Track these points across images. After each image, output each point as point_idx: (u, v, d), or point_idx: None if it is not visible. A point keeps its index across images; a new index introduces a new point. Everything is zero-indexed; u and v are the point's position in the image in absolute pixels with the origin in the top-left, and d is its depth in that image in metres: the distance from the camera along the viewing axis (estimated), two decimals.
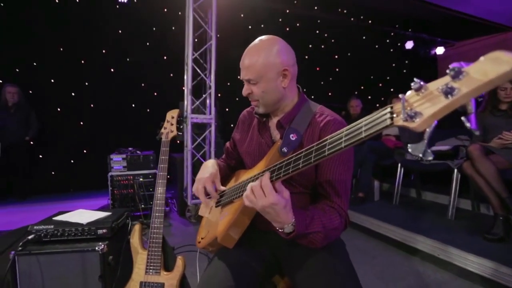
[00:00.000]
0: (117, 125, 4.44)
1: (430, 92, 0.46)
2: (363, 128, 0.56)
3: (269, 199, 0.73)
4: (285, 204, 0.75)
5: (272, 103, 0.95)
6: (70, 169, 4.31)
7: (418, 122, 0.46)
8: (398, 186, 3.07)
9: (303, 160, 0.70)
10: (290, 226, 0.78)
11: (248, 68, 0.90)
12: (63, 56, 4.19)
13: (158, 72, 4.69)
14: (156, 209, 1.44)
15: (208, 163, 1.14)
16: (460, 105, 0.43)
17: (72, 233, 1.24)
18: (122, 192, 2.86)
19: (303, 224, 0.79)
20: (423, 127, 0.46)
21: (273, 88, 0.91)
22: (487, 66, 0.39)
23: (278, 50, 0.90)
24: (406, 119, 0.47)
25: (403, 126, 0.49)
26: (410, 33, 6.75)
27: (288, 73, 0.91)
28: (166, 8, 4.63)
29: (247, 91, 0.94)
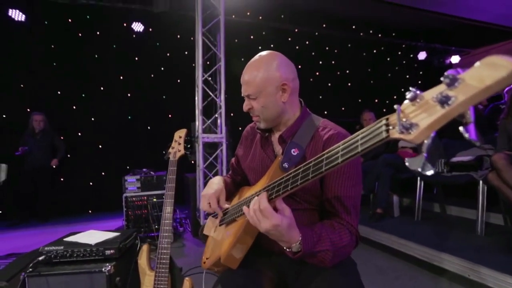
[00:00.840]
0: (133, 147, 4.59)
1: (426, 101, 0.43)
2: (359, 142, 0.54)
3: (271, 221, 0.71)
4: (288, 223, 0.72)
5: (272, 118, 0.94)
6: (89, 191, 4.44)
7: (414, 134, 0.43)
8: (419, 200, 2.91)
9: (301, 176, 0.67)
10: (297, 245, 0.74)
11: (247, 84, 0.91)
12: (84, 84, 4.45)
13: (172, 95, 4.87)
14: (163, 229, 1.43)
15: (215, 179, 1.14)
16: (458, 114, 0.40)
17: (80, 254, 1.25)
18: (136, 213, 2.89)
19: (311, 242, 0.76)
20: (420, 139, 0.43)
21: (272, 102, 0.91)
22: (484, 72, 0.37)
23: (277, 64, 0.90)
24: (402, 131, 0.45)
25: (400, 138, 0.46)
26: (422, 44, 6.68)
27: (287, 88, 0.91)
28: (179, 34, 4.87)
29: (248, 106, 0.94)
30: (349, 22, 5.96)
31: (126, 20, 4.47)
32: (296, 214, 0.92)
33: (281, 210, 0.74)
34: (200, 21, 2.97)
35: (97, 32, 4.46)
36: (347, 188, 0.86)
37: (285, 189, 0.71)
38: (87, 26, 4.40)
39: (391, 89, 6.73)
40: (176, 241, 3.05)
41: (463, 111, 0.39)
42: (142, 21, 4.46)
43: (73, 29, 4.34)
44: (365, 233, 2.78)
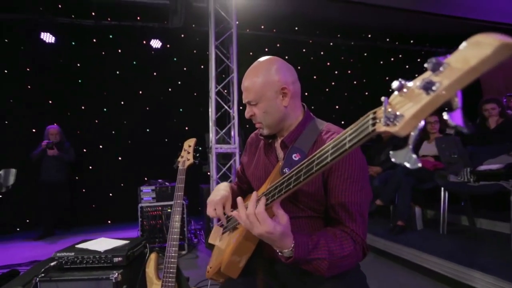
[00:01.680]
0: (150, 159, 4.71)
1: (411, 90, 0.41)
2: (347, 138, 0.52)
3: (263, 227, 0.69)
4: (282, 231, 0.70)
5: (275, 123, 0.92)
6: (108, 202, 4.59)
7: (399, 125, 0.40)
8: (444, 212, 2.72)
9: (294, 179, 0.65)
10: (289, 251, 0.72)
11: (247, 90, 0.91)
12: (105, 99, 4.70)
13: (188, 108, 5.00)
14: (171, 237, 1.43)
15: (221, 185, 1.13)
16: (444, 100, 0.37)
17: (90, 261, 1.27)
18: (150, 223, 2.94)
19: (304, 249, 0.72)
20: (406, 131, 0.40)
21: (273, 107, 0.89)
22: (468, 53, 0.34)
23: (276, 69, 0.89)
24: (387, 123, 0.42)
25: (386, 132, 0.43)
26: (443, 50, 6.45)
27: (287, 91, 0.89)
28: (195, 49, 5.05)
29: (249, 113, 0.93)
30: (364, 31, 5.91)
31: (145, 38, 4.71)
32: (299, 222, 0.89)
33: (277, 216, 0.72)
34: (213, 35, 3.07)
35: (118, 50, 4.74)
36: (352, 193, 0.81)
37: (280, 193, 0.69)
38: (110, 44, 4.68)
39: None
40: (190, 252, 3.04)
41: (450, 96, 0.36)
42: (160, 38, 4.68)
43: (97, 48, 4.64)
44: (385, 247, 2.62)
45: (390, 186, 2.93)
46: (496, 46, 0.31)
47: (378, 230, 2.90)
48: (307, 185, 0.84)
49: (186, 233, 3.03)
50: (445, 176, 2.76)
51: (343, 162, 0.82)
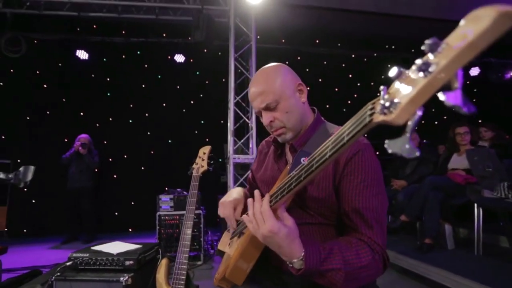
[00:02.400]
0: (172, 169, 4.83)
1: (409, 76, 0.38)
2: (345, 132, 0.49)
3: (267, 226, 0.66)
4: (287, 233, 0.66)
5: (298, 123, 0.88)
6: (130, 210, 4.73)
7: (396, 112, 0.38)
8: (479, 231, 2.48)
9: (296, 178, 0.63)
10: (299, 260, 0.67)
11: (263, 94, 0.85)
12: (131, 111, 4.95)
13: (209, 120, 5.12)
14: (183, 243, 1.43)
15: (235, 189, 1.11)
16: (443, 82, 0.34)
17: (103, 263, 1.30)
18: (168, 231, 2.97)
19: (317, 259, 0.67)
20: (403, 118, 0.37)
21: (294, 105, 0.86)
22: (466, 28, 0.31)
23: (287, 70, 0.90)
24: (383, 112, 0.40)
25: (383, 121, 0.41)
26: (474, 59, 6.11)
27: (303, 88, 0.89)
28: (217, 63, 5.21)
29: (269, 118, 0.86)
30: (387, 42, 5.80)
31: (170, 53, 4.96)
32: (309, 228, 0.84)
33: (282, 218, 0.69)
34: (232, 47, 3.17)
35: (145, 65, 5.02)
36: (367, 198, 0.75)
37: (282, 194, 0.67)
38: (137, 60, 4.98)
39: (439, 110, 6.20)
40: (206, 262, 3.02)
41: (449, 77, 0.33)
42: (183, 53, 4.90)
43: (126, 64, 4.95)
44: (410, 266, 2.43)
45: (416, 200, 2.75)
46: (494, 17, 0.28)
47: (403, 248, 2.71)
48: (317, 190, 0.81)
49: (202, 244, 3.02)
50: (479, 191, 2.54)
51: (355, 166, 0.77)
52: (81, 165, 4.00)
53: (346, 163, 0.78)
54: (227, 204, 0.95)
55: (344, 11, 4.43)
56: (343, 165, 0.78)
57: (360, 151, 0.78)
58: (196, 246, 2.97)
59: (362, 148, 0.79)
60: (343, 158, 0.79)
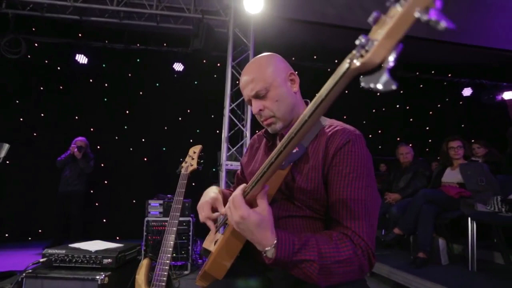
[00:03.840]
0: (165, 176, 4.75)
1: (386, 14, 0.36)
2: (324, 88, 0.47)
3: (238, 212, 0.64)
4: (258, 219, 0.63)
5: (288, 112, 0.85)
6: (119, 217, 4.60)
7: (372, 50, 0.35)
8: (473, 246, 2.42)
9: (268, 161, 0.61)
10: (271, 249, 0.64)
11: (254, 81, 0.83)
12: (127, 117, 4.93)
13: (205, 129, 5.12)
14: (166, 243, 1.37)
15: (209, 189, 1.07)
16: (419, 7, 0.31)
17: (79, 260, 1.22)
18: (155, 238, 2.86)
19: (289, 248, 0.64)
20: (380, 55, 0.35)
21: (285, 94, 0.84)
22: None
23: (279, 59, 0.89)
24: (360, 53, 0.37)
25: (361, 64, 0.38)
26: (467, 80, 6.28)
27: (295, 78, 0.87)
28: (215, 74, 5.28)
29: (258, 107, 0.83)
30: None
31: (169, 61, 5.02)
32: (295, 221, 0.81)
33: (259, 205, 0.66)
34: (230, 54, 3.21)
35: (144, 73, 5.06)
36: (355, 190, 0.71)
37: (257, 180, 0.65)
38: (136, 67, 5.03)
39: (434, 127, 6.28)
40: (193, 272, 2.90)
41: (426, 3, 0.30)
42: (182, 62, 4.96)
43: (125, 70, 4.99)
44: (404, 280, 2.35)
45: (410, 214, 2.71)
46: None
47: (396, 262, 2.63)
48: (305, 181, 0.77)
49: (190, 253, 2.91)
50: (472, 205, 2.52)
51: (345, 156, 0.74)
52: (76, 169, 3.90)
53: (335, 153, 0.75)
54: (204, 205, 0.90)
55: (341, 28, 4.56)
56: (332, 155, 0.76)
57: (350, 140, 0.75)
58: (184, 255, 2.86)
59: (353, 138, 0.76)
60: (332, 147, 0.76)
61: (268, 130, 0.93)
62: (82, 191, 3.91)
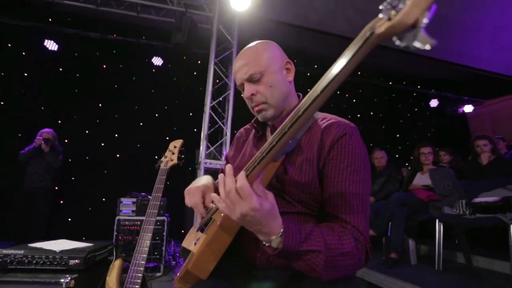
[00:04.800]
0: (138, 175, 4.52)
1: None
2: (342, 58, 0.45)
3: (249, 204, 0.56)
4: (270, 209, 0.58)
5: (281, 100, 0.82)
6: (87, 216, 4.30)
7: (404, 9, 0.32)
8: (440, 247, 2.56)
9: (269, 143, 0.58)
10: (277, 238, 0.59)
11: (248, 64, 0.80)
12: (100, 111, 4.65)
13: (182, 127, 4.95)
14: (141, 242, 1.28)
15: (203, 176, 1.00)
16: None
17: (41, 261, 1.10)
18: (126, 238, 2.70)
19: (296, 237, 0.60)
20: (413, 15, 0.32)
21: (280, 81, 0.81)
22: None
23: (275, 46, 0.86)
24: (388, 15, 0.34)
25: (388, 28, 0.35)
26: (434, 92, 6.72)
27: (291, 67, 0.85)
28: (195, 71, 5.15)
29: (251, 91, 0.80)
30: (360, 69, 6.17)
31: (148, 55, 4.82)
32: (285, 218, 0.77)
33: (261, 193, 0.60)
34: (213, 51, 3.15)
35: (120, 65, 4.81)
36: (354, 183, 0.70)
37: (254, 164, 0.60)
38: (112, 59, 4.76)
39: (404, 135, 6.63)
40: (166, 274, 2.77)
41: None
42: (162, 57, 4.79)
43: (99, 61, 4.70)
44: (377, 280, 2.42)
45: (383, 217, 2.81)
46: None
47: (369, 263, 2.70)
48: (299, 174, 0.74)
49: (164, 254, 2.78)
50: (440, 208, 2.66)
51: (342, 150, 0.72)
52: (42, 163, 3.57)
53: (332, 146, 0.73)
54: (194, 191, 0.84)
55: (322, 33, 4.67)
56: (328, 148, 0.74)
57: (347, 133, 0.74)
58: (157, 256, 2.72)
59: (349, 131, 0.75)
60: (328, 140, 0.74)
61: (257, 120, 0.89)
62: (48, 188, 3.59)
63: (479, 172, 3.11)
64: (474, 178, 3.03)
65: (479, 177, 3.02)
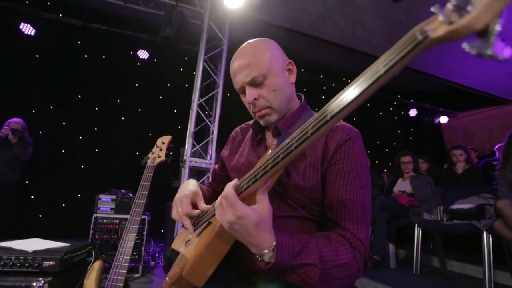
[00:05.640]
0: (117, 171, 4.34)
1: None
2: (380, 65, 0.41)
3: (234, 211, 0.55)
4: (257, 219, 0.56)
5: (284, 103, 0.79)
6: (60, 213, 4.05)
7: (472, 14, 0.29)
8: (418, 251, 2.65)
9: (273, 159, 0.55)
10: (269, 252, 0.57)
11: (249, 66, 0.75)
12: (79, 102, 4.41)
13: (166, 124, 4.80)
14: (124, 242, 1.20)
15: (189, 182, 0.95)
16: None
17: (9, 263, 0.99)
18: (103, 237, 2.56)
19: (289, 251, 0.57)
20: (483, 20, 0.29)
21: (282, 83, 0.77)
22: None
23: (276, 45, 0.82)
24: (449, 20, 0.30)
25: (449, 33, 0.31)
26: (413, 102, 7.01)
27: (292, 68, 0.82)
28: (182, 67, 5.03)
29: (253, 96, 0.75)
30: (346, 75, 6.29)
31: (133, 47, 4.64)
32: (287, 222, 0.74)
33: (258, 203, 0.59)
34: (203, 48, 3.08)
35: (103, 56, 4.59)
36: (354, 190, 0.68)
37: (256, 178, 0.57)
38: (95, 48, 4.54)
39: (384, 143, 6.85)
40: (145, 276, 2.65)
41: None
42: (148, 50, 4.63)
43: (80, 50, 4.47)
44: (359, 284, 2.46)
45: None
46: None
47: None
48: (302, 178, 0.72)
49: (143, 254, 2.66)
50: (419, 213, 2.76)
51: (346, 154, 0.71)
52: (8, 155, 3.29)
53: (336, 150, 0.72)
54: (183, 200, 0.79)
55: (311, 37, 4.72)
56: (332, 152, 0.72)
57: (351, 138, 0.73)
58: (136, 256, 2.60)
59: (353, 135, 0.74)
60: (333, 144, 0.73)
61: (256, 122, 0.86)
62: (15, 181, 3.32)
63: (454, 180, 3.27)
64: (449, 186, 3.18)
65: (453, 185, 3.17)
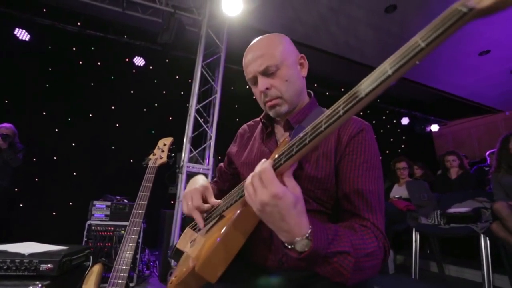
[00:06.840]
0: (110, 179, 4.25)
1: None
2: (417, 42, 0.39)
3: (270, 190, 0.51)
4: (294, 200, 0.52)
5: (296, 95, 0.80)
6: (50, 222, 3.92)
7: None
8: (416, 256, 2.65)
9: (299, 140, 0.54)
10: (303, 239, 0.52)
11: (264, 56, 0.76)
12: (72, 109, 4.35)
13: (161, 131, 4.74)
14: (125, 245, 1.17)
15: (198, 177, 0.94)
16: None
17: (4, 266, 0.95)
18: (97, 245, 2.48)
19: (324, 238, 0.54)
20: None
21: (294, 75, 0.79)
22: None
23: (289, 40, 0.84)
24: None
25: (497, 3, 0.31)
26: (405, 111, 7.17)
27: (304, 62, 0.83)
28: (177, 75, 5.04)
29: (265, 85, 0.76)
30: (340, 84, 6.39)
31: (129, 55, 4.64)
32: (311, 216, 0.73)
33: (288, 186, 0.55)
34: (201, 54, 3.10)
35: (98, 63, 4.57)
36: (370, 180, 0.68)
37: (289, 155, 0.54)
38: (90, 55, 4.51)
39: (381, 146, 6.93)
40: (139, 285, 2.57)
41: None
42: (144, 57, 4.63)
43: (75, 57, 4.44)
44: None
45: None
46: None
47: None
48: (315, 169, 0.72)
49: (137, 262, 2.59)
50: (417, 218, 2.77)
51: (359, 145, 0.72)
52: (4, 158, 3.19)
53: (349, 141, 0.72)
54: (194, 194, 0.77)
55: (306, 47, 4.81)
56: (345, 143, 0.73)
57: (364, 130, 0.74)
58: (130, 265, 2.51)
59: (365, 127, 0.75)
60: (346, 135, 0.73)
61: (266, 115, 0.87)
62: (5, 187, 3.21)
63: (449, 185, 3.32)
64: (443, 191, 3.23)
65: (448, 190, 3.22)
